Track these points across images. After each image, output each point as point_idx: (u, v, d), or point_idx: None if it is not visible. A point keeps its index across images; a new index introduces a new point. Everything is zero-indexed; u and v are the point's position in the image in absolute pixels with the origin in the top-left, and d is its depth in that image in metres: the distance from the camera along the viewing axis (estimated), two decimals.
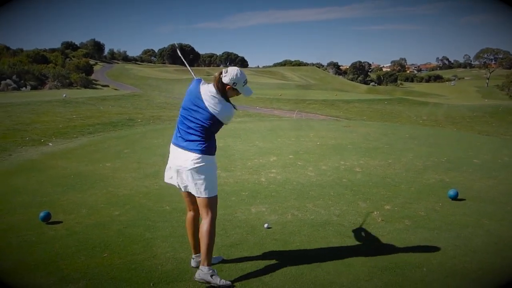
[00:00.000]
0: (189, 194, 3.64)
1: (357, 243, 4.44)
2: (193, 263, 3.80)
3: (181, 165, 3.52)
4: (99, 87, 58.52)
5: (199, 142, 3.48)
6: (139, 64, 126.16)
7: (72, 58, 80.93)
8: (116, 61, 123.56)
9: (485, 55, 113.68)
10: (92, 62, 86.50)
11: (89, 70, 69.06)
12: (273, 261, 3.91)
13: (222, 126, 3.61)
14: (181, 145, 3.53)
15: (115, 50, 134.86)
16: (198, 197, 3.54)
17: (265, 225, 4.82)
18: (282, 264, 3.86)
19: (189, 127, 3.51)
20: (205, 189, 3.50)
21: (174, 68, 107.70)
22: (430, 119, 28.43)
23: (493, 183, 7.00)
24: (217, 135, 3.63)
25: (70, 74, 56.36)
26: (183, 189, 3.64)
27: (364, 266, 3.85)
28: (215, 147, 3.62)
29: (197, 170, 3.47)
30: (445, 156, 9.16)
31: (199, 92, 3.48)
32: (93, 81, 61.95)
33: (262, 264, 3.86)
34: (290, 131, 12.95)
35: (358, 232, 4.75)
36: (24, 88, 44.26)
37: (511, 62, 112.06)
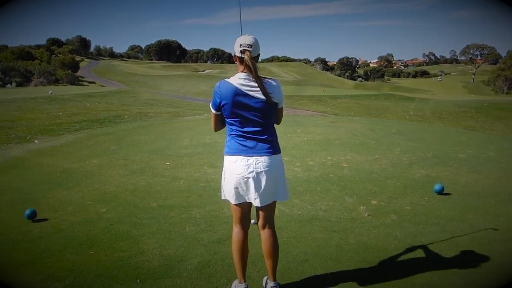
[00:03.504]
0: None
1: (344, 238, 4.46)
2: None
3: None
4: (86, 83, 58.05)
5: None
6: (126, 60, 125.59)
7: (58, 55, 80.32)
8: (102, 57, 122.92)
9: (471, 51, 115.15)
10: (78, 58, 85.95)
11: (75, 66, 68.50)
12: (260, 257, 3.92)
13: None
14: None
15: (101, 47, 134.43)
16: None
17: (252, 221, 4.80)
18: None
19: None
20: None
21: (161, 65, 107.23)
22: (416, 114, 28.62)
23: (478, 178, 7.08)
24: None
25: (56, 70, 55.85)
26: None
27: (350, 261, 3.88)
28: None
29: None
30: (431, 151, 9.24)
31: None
32: (79, 78, 61.48)
33: (248, 260, 3.85)
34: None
35: (345, 227, 4.78)
36: (9, 85, 43.80)
37: (496, 57, 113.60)
